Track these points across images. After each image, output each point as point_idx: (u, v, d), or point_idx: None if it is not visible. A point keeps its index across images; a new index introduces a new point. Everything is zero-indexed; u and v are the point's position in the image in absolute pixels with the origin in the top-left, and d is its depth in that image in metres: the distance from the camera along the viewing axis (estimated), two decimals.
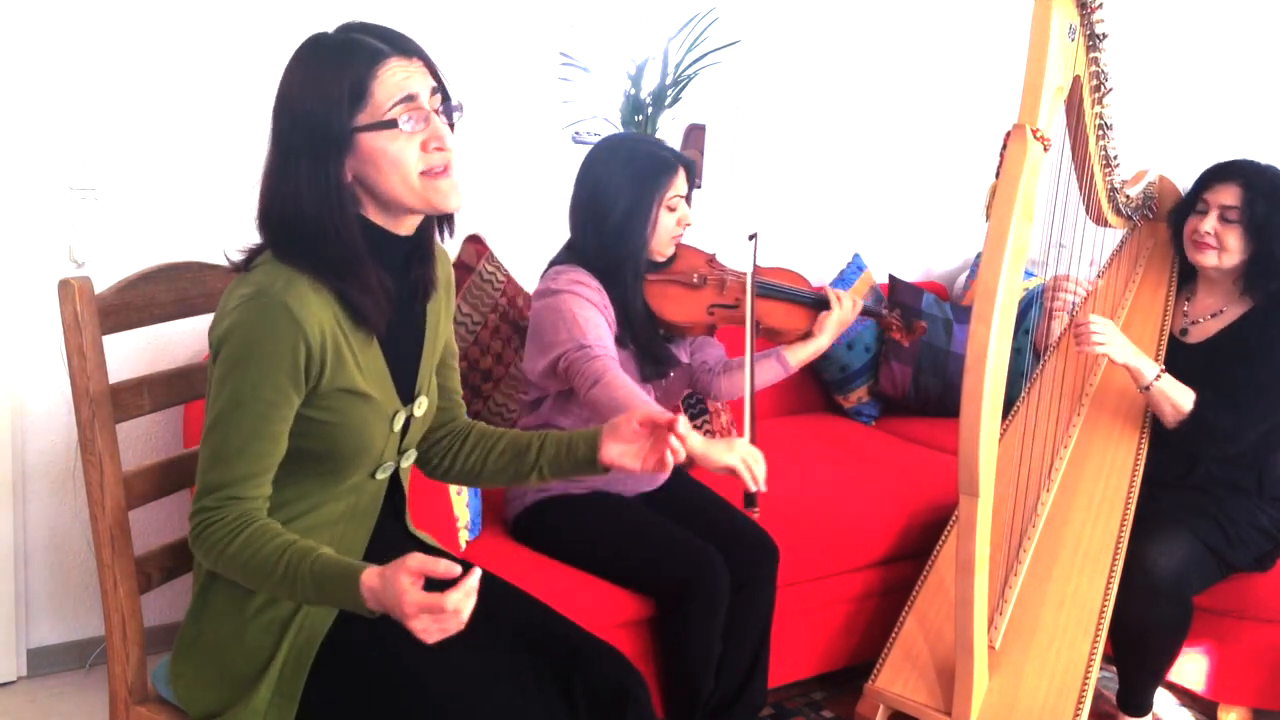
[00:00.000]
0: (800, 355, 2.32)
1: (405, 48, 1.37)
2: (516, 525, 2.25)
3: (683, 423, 1.51)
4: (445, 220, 1.49)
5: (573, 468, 1.57)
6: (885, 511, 2.54)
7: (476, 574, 1.24)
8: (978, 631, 2.02)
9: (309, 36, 1.39)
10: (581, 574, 2.13)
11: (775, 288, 2.34)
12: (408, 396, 1.50)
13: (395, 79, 1.34)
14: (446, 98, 1.41)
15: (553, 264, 2.21)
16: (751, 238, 2.21)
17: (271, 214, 1.36)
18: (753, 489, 1.77)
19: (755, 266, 2.20)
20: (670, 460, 1.50)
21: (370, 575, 1.27)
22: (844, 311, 2.30)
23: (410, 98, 1.34)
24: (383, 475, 1.49)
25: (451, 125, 1.41)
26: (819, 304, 2.34)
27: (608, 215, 2.14)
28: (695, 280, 2.27)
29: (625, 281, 2.16)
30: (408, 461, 1.56)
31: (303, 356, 1.33)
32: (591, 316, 2.08)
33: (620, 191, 2.14)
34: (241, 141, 2.48)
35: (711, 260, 2.34)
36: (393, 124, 1.33)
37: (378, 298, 1.38)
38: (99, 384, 1.50)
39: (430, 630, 1.23)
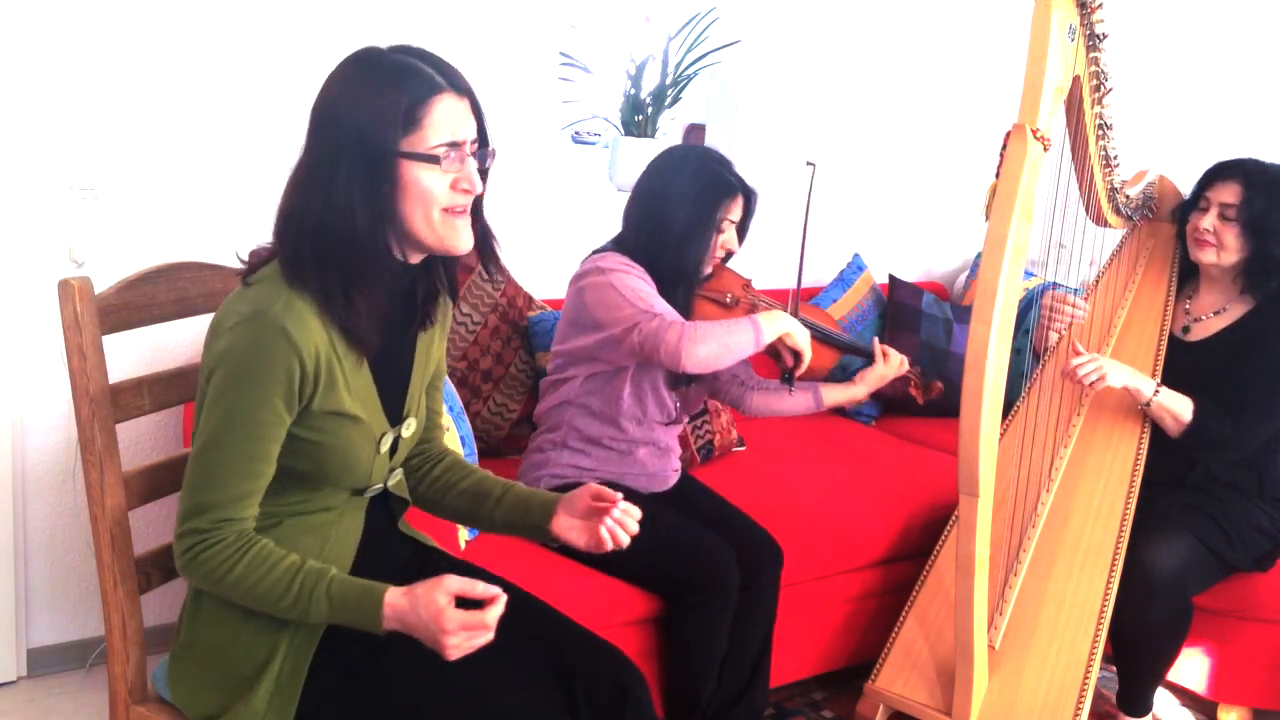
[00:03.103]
0: (835, 397, 2.37)
1: (458, 85, 1.38)
2: None
3: (621, 505, 1.51)
4: (488, 259, 1.49)
5: (524, 529, 1.59)
6: (885, 511, 2.54)
7: (504, 599, 1.32)
8: (978, 631, 2.02)
9: (363, 48, 1.39)
10: (585, 570, 2.13)
11: (809, 323, 2.37)
12: (396, 418, 1.50)
13: (447, 116, 1.35)
14: (484, 143, 1.42)
15: (595, 253, 2.21)
16: (809, 164, 2.27)
17: (294, 214, 1.35)
18: (798, 372, 2.12)
19: (800, 286, 2.28)
20: (608, 541, 1.50)
21: (395, 595, 1.32)
22: (888, 368, 2.34)
23: (456, 145, 1.36)
24: (371, 494, 1.51)
25: (485, 171, 1.41)
26: (848, 349, 2.40)
27: (670, 225, 2.15)
28: (728, 300, 2.30)
29: (676, 294, 2.18)
30: (395, 480, 1.56)
31: (297, 378, 1.33)
32: (649, 290, 2.09)
33: (683, 201, 2.15)
34: (242, 142, 2.48)
35: (747, 285, 2.37)
36: (435, 159, 1.34)
37: (375, 319, 1.38)
38: (99, 384, 1.50)
39: (462, 647, 1.30)
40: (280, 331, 1.31)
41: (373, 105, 1.32)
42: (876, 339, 2.38)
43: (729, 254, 2.25)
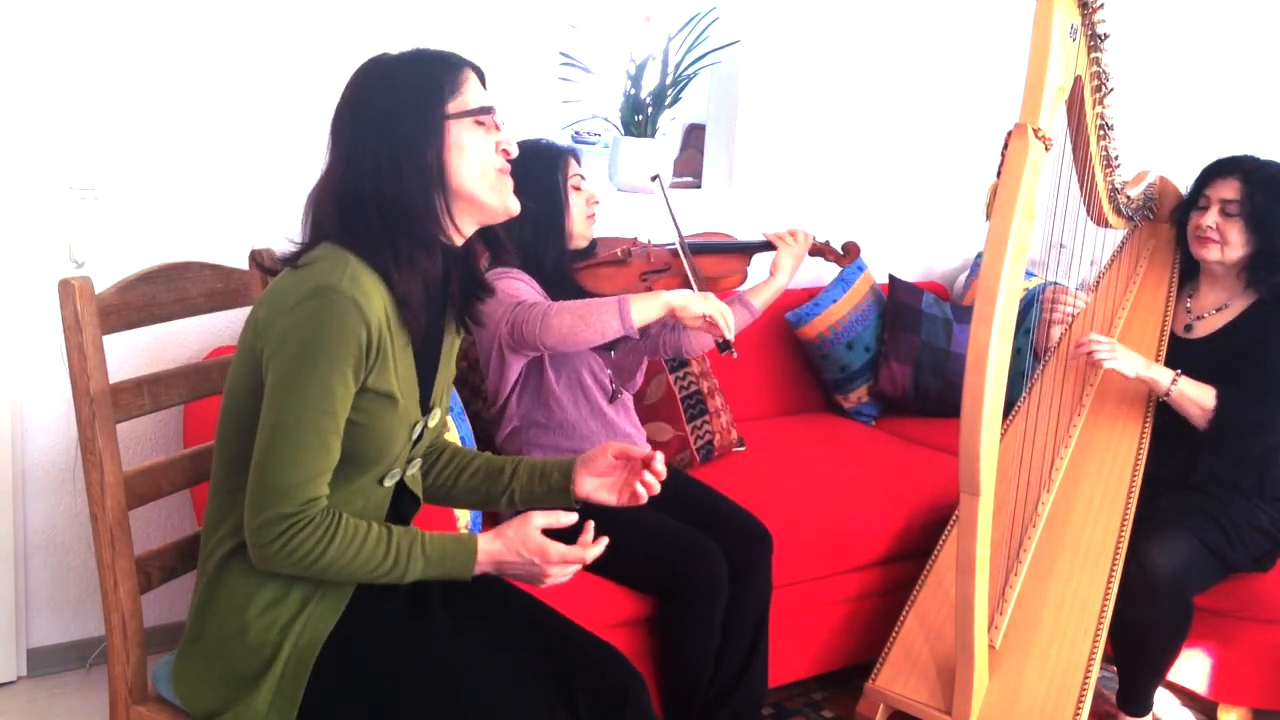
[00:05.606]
0: (763, 295, 2.39)
1: (475, 67, 1.48)
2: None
3: (659, 459, 1.57)
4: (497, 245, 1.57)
5: (545, 495, 1.62)
6: (885, 511, 2.54)
7: (590, 526, 1.49)
8: (978, 631, 2.02)
9: (375, 56, 1.46)
10: (581, 571, 2.12)
11: (703, 244, 2.44)
12: (425, 407, 1.52)
13: (477, 88, 1.46)
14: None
15: None
16: (654, 178, 2.35)
17: (346, 193, 1.39)
18: (728, 336, 1.98)
19: (679, 232, 2.30)
20: (644, 495, 1.58)
21: (487, 540, 1.45)
22: (797, 246, 2.40)
23: (489, 109, 1.46)
24: (389, 483, 1.51)
25: None
26: (750, 249, 2.44)
27: (528, 217, 2.16)
28: (620, 255, 2.34)
29: (565, 275, 2.21)
30: (413, 469, 1.57)
31: (364, 347, 1.35)
32: (522, 286, 2.12)
33: (527, 192, 2.17)
34: (242, 142, 2.48)
35: (634, 241, 2.41)
36: (487, 110, 1.44)
37: (422, 290, 1.41)
38: (99, 384, 1.50)
39: (558, 577, 1.47)
40: (350, 302, 1.33)
41: (414, 80, 1.41)
42: (768, 232, 2.44)
43: (595, 204, 2.28)
